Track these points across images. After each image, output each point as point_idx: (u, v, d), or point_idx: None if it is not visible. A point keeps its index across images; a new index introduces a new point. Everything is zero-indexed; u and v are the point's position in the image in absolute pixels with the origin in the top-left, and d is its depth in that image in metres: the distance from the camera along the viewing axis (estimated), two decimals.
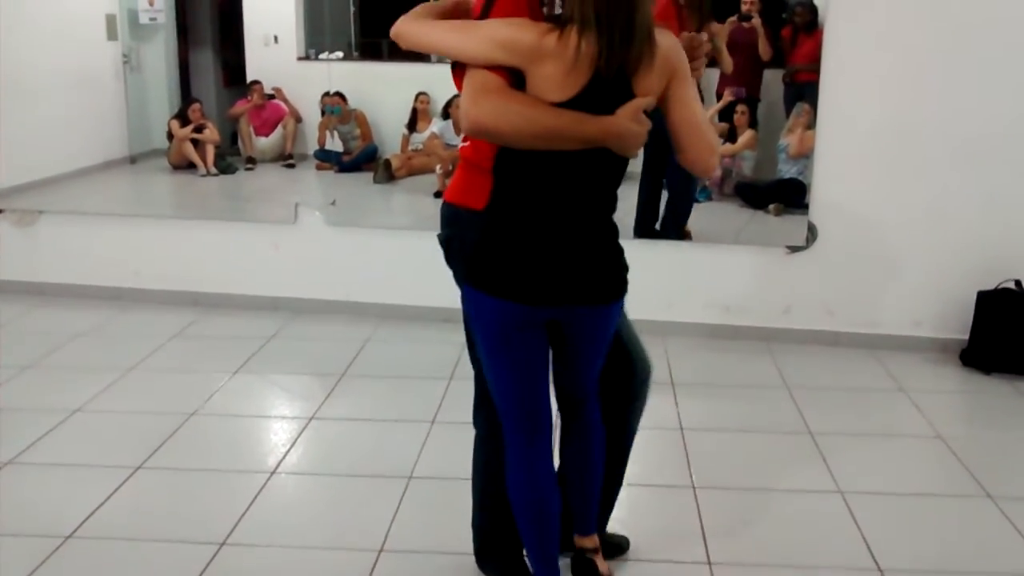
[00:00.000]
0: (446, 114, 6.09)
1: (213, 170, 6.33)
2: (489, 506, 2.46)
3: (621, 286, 2.17)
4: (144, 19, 6.56)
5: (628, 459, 2.57)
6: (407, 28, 2.11)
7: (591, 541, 2.46)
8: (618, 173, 2.12)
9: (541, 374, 2.21)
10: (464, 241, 2.19)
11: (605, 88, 1.97)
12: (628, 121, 1.97)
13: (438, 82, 6.35)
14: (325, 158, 6.33)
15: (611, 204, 2.14)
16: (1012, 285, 4.20)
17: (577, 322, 2.17)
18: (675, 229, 4.73)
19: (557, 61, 1.94)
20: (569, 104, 1.95)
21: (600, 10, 1.91)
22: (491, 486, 2.39)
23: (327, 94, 6.19)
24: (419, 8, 2.13)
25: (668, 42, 2.02)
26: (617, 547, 2.67)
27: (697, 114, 2.06)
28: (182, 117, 6.44)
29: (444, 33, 2.04)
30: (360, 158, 6.32)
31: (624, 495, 2.64)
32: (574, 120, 1.95)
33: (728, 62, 4.66)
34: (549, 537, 2.29)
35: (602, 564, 2.46)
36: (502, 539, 2.45)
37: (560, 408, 2.36)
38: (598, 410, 2.37)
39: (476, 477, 2.49)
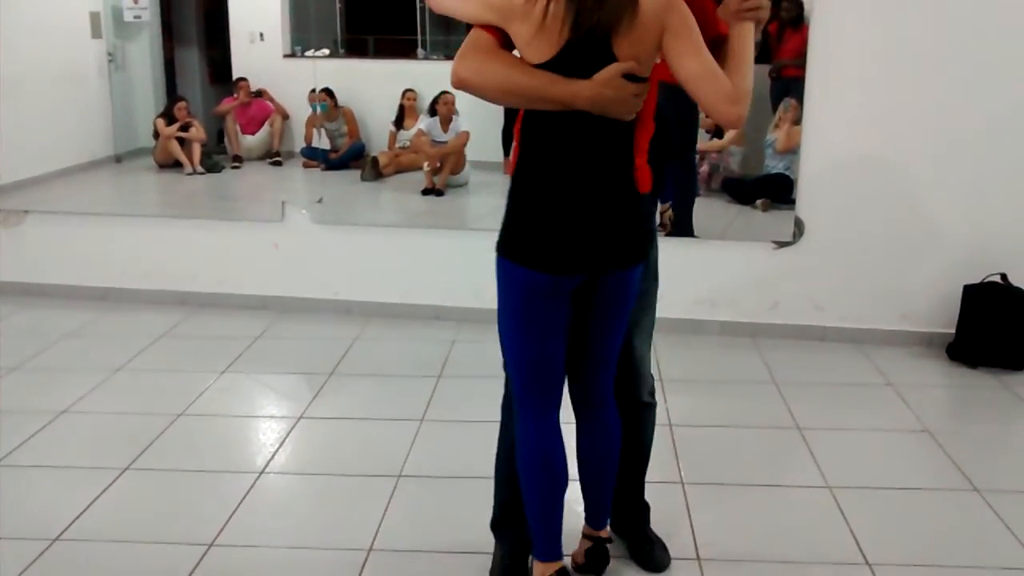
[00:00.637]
0: (433, 111, 6.09)
1: (199, 169, 6.32)
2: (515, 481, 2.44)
3: (642, 249, 2.19)
4: (128, 17, 6.54)
5: (647, 466, 2.66)
6: None
7: (605, 533, 2.51)
8: (626, 138, 2.10)
9: (559, 346, 2.23)
10: None
11: (583, 51, 1.97)
12: (601, 86, 1.97)
13: (425, 79, 6.35)
14: (312, 156, 6.32)
15: (627, 168, 2.13)
16: (997, 279, 4.21)
17: (600, 288, 2.19)
18: (683, 231, 4.73)
19: (526, 21, 1.97)
20: (549, 65, 1.98)
21: None
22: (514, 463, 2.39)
23: (313, 91, 6.19)
24: None
25: (654, 1, 1.97)
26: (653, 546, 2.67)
27: (702, 64, 1.98)
28: (168, 115, 6.43)
29: None
30: (347, 155, 6.32)
31: None
32: (546, 82, 1.98)
33: None
34: (555, 511, 2.31)
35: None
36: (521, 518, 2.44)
37: (577, 400, 2.37)
38: (614, 404, 2.38)
39: (503, 452, 2.49)
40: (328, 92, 6.29)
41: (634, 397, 2.51)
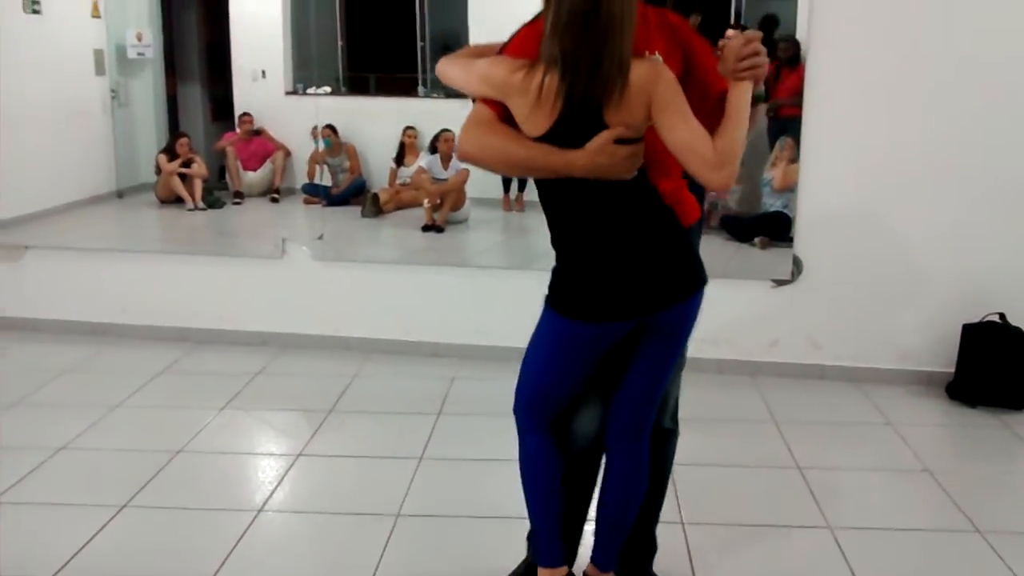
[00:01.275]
0: (433, 148, 6.13)
1: (200, 204, 6.36)
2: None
3: (698, 276, 2.25)
4: (132, 54, 6.61)
5: (663, 498, 2.66)
6: (440, 67, 2.28)
7: None
8: (636, 190, 2.13)
9: (579, 384, 2.32)
10: None
11: (577, 122, 2.04)
12: (594, 154, 2.04)
13: (425, 116, 6.40)
14: (313, 192, 6.35)
15: (656, 208, 2.17)
16: (996, 318, 4.22)
17: (654, 326, 2.24)
18: None
19: (523, 96, 2.06)
20: (545, 137, 2.06)
21: (566, 50, 1.99)
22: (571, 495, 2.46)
23: (315, 128, 6.23)
24: (462, 49, 2.31)
25: (643, 72, 2.02)
26: None
27: (688, 133, 2.02)
28: (170, 151, 6.47)
29: (456, 70, 2.22)
30: (348, 192, 6.36)
31: None
32: (542, 153, 2.07)
33: None
34: (553, 514, 2.39)
35: None
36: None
37: (612, 434, 2.38)
38: (648, 444, 2.41)
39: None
40: (331, 128, 6.34)
41: (656, 423, 2.51)
